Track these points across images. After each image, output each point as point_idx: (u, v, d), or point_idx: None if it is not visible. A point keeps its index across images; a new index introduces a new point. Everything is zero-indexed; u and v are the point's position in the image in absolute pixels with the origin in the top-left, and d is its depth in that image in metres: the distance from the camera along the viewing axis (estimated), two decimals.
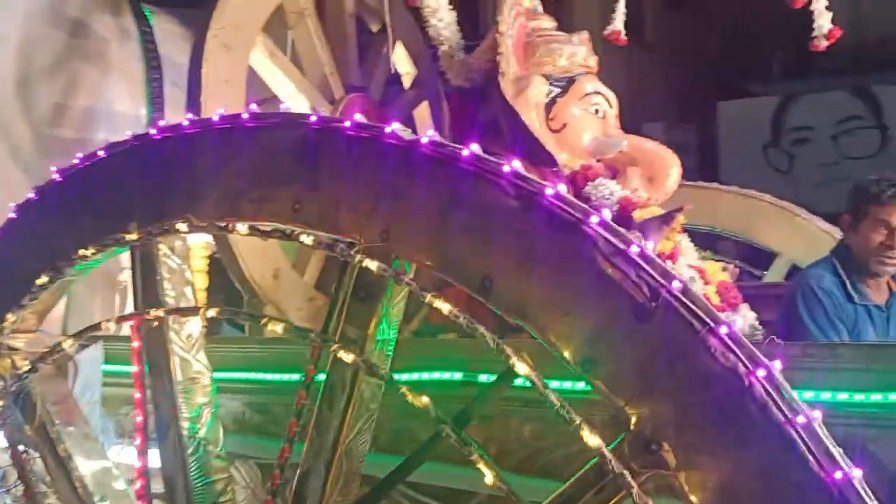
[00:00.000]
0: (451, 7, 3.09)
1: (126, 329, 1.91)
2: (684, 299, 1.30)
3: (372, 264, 1.48)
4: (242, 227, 1.64)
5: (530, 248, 1.42)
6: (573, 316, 1.37)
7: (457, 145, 1.52)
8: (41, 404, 2.03)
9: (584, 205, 1.40)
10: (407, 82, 3.80)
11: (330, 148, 1.63)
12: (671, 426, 1.29)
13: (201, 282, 3.35)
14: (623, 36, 3.19)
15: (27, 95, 3.55)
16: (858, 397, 1.50)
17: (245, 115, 1.72)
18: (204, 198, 1.76)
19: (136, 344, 1.78)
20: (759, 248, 4.30)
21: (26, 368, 1.99)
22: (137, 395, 1.77)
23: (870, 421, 1.51)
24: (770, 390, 1.24)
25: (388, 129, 1.57)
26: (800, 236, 4.07)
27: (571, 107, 2.92)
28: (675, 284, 1.31)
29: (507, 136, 2.87)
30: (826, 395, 1.50)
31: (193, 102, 2.81)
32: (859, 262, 2.97)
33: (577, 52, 2.98)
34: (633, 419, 1.31)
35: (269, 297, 2.95)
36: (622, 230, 1.37)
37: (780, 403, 1.24)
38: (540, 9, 3.17)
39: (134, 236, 1.79)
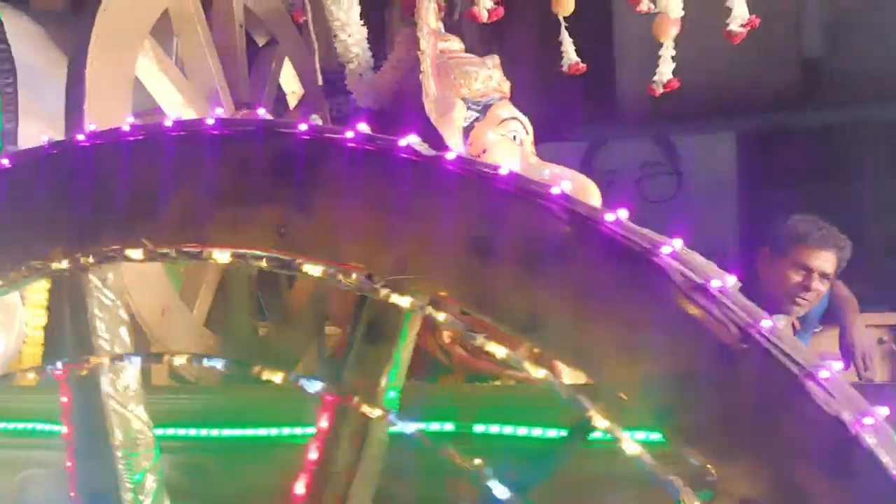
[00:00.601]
0: (362, 23, 2.87)
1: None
2: (776, 340, 1.16)
3: (401, 300, 1.25)
4: (222, 255, 1.35)
5: (588, 282, 1.23)
6: (645, 360, 1.20)
7: (489, 163, 1.33)
8: None
9: (650, 232, 1.24)
10: (292, 102, 3.53)
11: (326, 163, 1.38)
12: (768, 485, 1.14)
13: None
14: (580, 66, 3.04)
15: None
16: None
17: (210, 121, 1.45)
18: (153, 219, 1.46)
19: (64, 399, 1.44)
20: None
21: None
22: (69, 463, 1.42)
23: None
24: (879, 440, 1.13)
25: (401, 143, 1.35)
26: None
27: (489, 132, 2.79)
28: (765, 323, 1.17)
29: None
30: None
31: (75, 110, 2.42)
32: (772, 300, 2.99)
33: (492, 76, 2.85)
34: (721, 478, 1.15)
35: (156, 336, 2.58)
36: (697, 261, 1.22)
37: (891, 455, 1.12)
38: (443, 30, 3.02)
39: (61, 265, 1.46)
